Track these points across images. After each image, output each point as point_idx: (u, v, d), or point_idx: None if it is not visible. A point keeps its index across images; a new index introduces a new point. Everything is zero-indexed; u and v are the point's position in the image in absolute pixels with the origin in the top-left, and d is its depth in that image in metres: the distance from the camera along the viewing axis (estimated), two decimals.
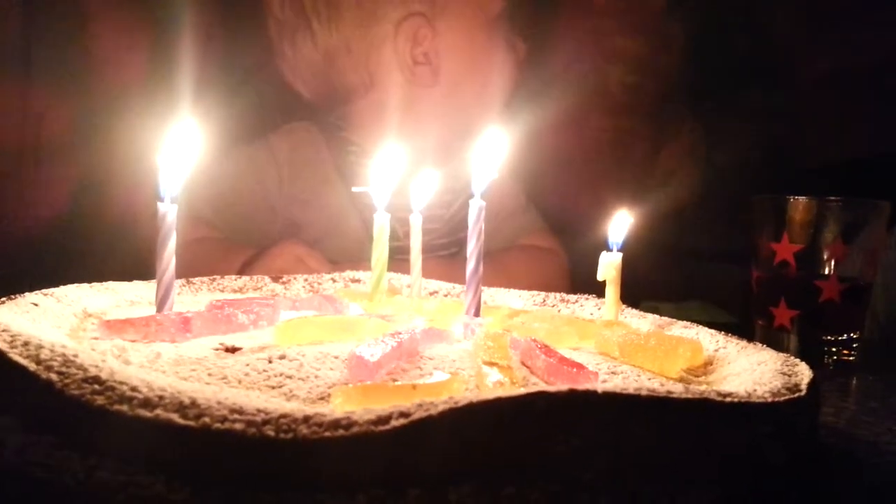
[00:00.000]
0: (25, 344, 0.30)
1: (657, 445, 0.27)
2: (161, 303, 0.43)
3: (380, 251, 0.49)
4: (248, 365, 0.34)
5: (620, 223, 0.51)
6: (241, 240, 0.94)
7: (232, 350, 0.37)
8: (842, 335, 0.68)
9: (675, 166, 1.40)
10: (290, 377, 0.33)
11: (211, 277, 0.60)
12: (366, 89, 0.98)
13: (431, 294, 0.63)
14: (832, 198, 0.70)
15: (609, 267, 0.50)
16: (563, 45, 1.19)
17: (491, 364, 0.34)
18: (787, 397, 0.30)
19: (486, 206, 1.02)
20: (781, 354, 0.40)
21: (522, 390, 0.28)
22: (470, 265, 0.46)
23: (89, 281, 0.51)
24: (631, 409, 0.26)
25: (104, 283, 0.52)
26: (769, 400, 0.29)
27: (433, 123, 0.99)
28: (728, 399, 0.28)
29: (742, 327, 0.74)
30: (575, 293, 0.61)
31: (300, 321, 0.39)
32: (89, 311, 0.46)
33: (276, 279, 0.62)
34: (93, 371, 0.28)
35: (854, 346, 0.68)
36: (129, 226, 0.96)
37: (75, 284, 0.50)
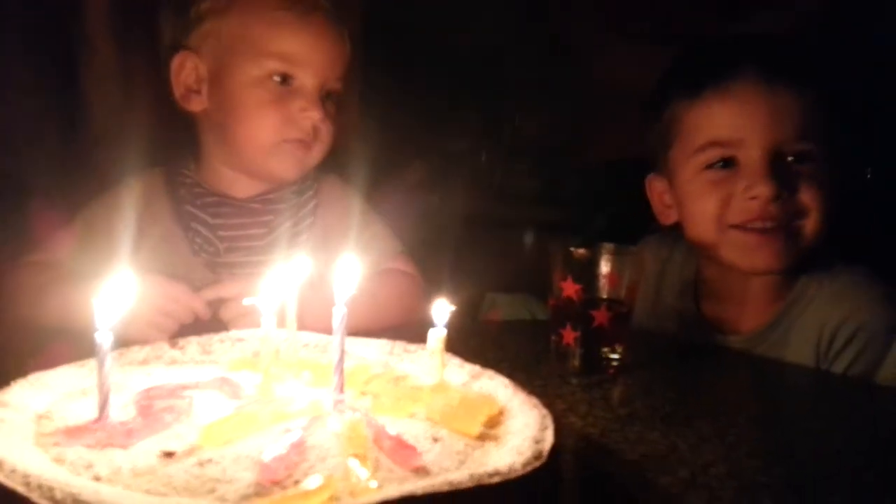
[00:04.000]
0: (39, 486, 0.45)
1: None
2: (101, 409, 0.58)
3: (266, 355, 0.66)
4: (186, 472, 0.51)
5: (442, 309, 0.70)
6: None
7: (170, 455, 0.53)
8: (612, 348, 0.93)
9: None
10: (219, 481, 0.50)
11: (119, 352, 0.73)
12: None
13: (304, 346, 0.79)
14: (605, 244, 0.94)
15: (437, 341, 0.69)
16: None
17: (355, 456, 0.53)
18: (532, 467, 0.51)
19: (348, 234, 1.19)
20: (542, 414, 0.61)
21: (374, 483, 0.48)
22: (335, 356, 0.64)
23: None
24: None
25: (32, 377, 0.64)
26: (520, 473, 0.50)
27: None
28: (494, 479, 0.49)
29: None
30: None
31: (218, 426, 0.56)
32: (38, 412, 0.60)
33: (172, 345, 0.77)
34: None
35: (620, 357, 0.93)
36: None
37: (16, 384, 0.62)
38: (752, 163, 1.03)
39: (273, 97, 1.07)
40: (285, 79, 1.07)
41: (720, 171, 1.05)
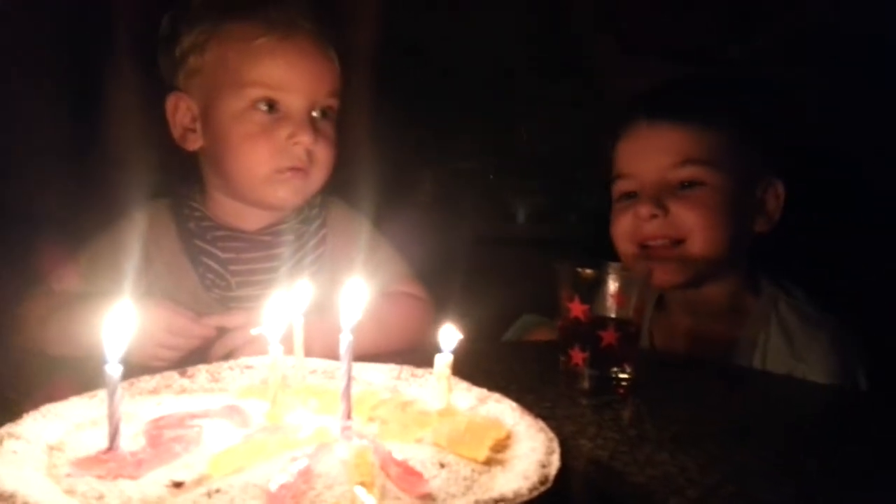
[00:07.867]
0: None
1: None
2: (111, 440, 0.59)
3: (274, 383, 0.66)
4: (195, 502, 0.51)
5: (449, 335, 0.71)
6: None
7: (179, 485, 0.54)
8: (622, 368, 0.93)
9: None
10: None
11: (129, 381, 0.74)
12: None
13: (312, 373, 0.80)
14: (612, 264, 0.94)
15: (444, 366, 0.70)
16: None
17: (361, 483, 0.53)
18: (538, 492, 0.52)
19: (356, 259, 1.19)
20: (549, 438, 0.61)
21: None
22: (342, 383, 0.64)
23: None
24: None
25: (43, 409, 0.65)
26: (526, 499, 0.50)
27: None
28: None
29: None
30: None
31: (226, 455, 0.57)
32: (50, 443, 0.60)
33: (182, 374, 0.78)
34: None
35: (629, 377, 0.93)
36: None
37: (28, 416, 0.63)
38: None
39: (260, 128, 1.06)
40: (271, 106, 1.06)
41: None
